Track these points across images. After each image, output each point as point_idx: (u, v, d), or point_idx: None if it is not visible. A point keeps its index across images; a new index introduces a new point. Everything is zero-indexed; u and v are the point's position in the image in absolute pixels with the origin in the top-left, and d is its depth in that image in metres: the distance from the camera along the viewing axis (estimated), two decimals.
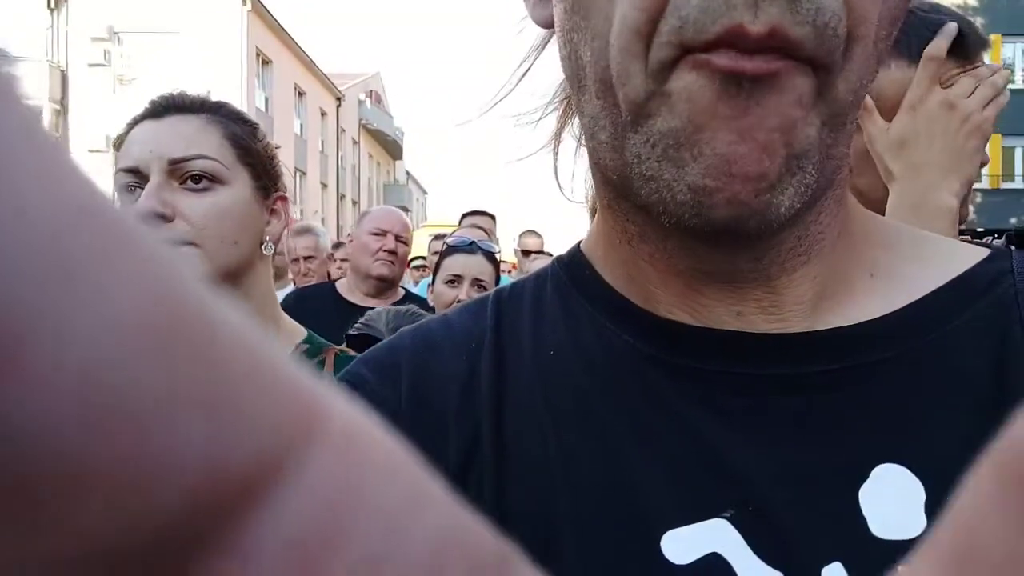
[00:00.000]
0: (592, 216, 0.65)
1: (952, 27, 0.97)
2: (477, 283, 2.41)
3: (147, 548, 0.12)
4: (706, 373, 0.44)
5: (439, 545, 0.14)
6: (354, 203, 30.07)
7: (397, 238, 2.80)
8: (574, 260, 0.52)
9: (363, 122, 32.49)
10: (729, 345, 0.44)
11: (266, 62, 22.03)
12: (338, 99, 28.79)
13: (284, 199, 1.18)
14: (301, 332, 1.22)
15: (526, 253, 4.42)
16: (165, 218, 1.02)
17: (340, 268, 4.02)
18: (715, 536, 0.40)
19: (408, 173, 42.93)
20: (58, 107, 19.21)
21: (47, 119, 18.94)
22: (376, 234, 2.79)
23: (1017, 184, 20.23)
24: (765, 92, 0.36)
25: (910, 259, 0.48)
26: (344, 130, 29.84)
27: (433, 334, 0.52)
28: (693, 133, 0.37)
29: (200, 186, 1.06)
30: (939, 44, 0.96)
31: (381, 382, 0.49)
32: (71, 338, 0.10)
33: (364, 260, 2.78)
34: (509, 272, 4.49)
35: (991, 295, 0.45)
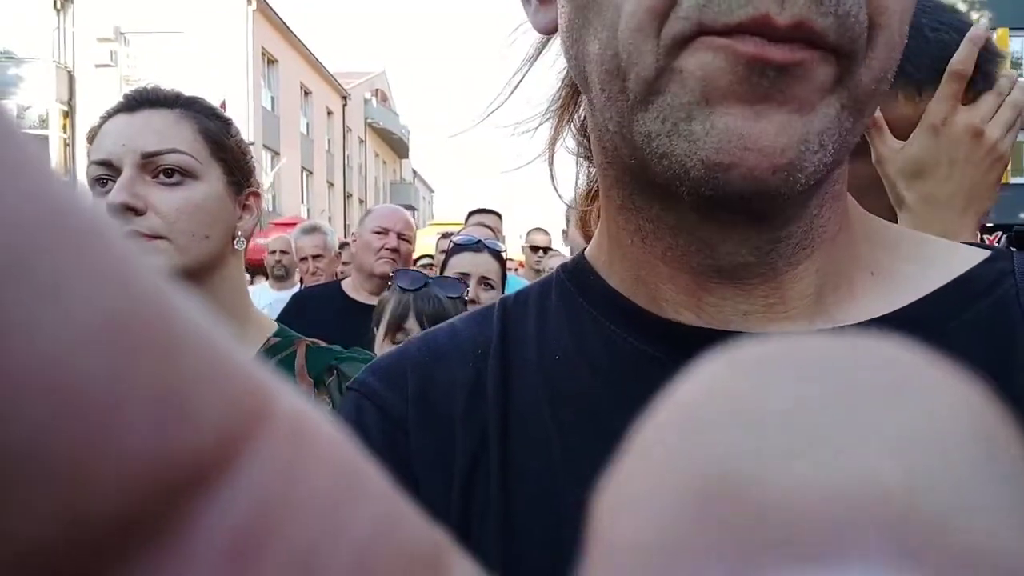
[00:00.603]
0: (580, 223, 0.64)
1: (981, 31, 0.88)
2: (484, 281, 2.41)
3: (88, 542, 0.11)
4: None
5: (373, 539, 0.14)
6: (361, 202, 30.10)
7: (399, 236, 2.81)
8: (578, 267, 0.53)
9: (369, 121, 32.51)
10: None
11: (272, 61, 22.06)
12: (344, 98, 28.81)
13: (256, 195, 1.18)
14: (272, 325, 1.24)
15: (535, 249, 4.42)
16: (137, 211, 1.03)
17: (341, 269, 4.02)
18: None
19: (415, 172, 42.96)
20: (65, 108, 19.28)
21: (55, 120, 19.01)
22: (378, 232, 2.80)
23: None
24: (789, 81, 0.36)
25: (911, 259, 0.48)
26: (350, 129, 29.86)
27: (439, 342, 0.53)
28: (706, 107, 0.37)
29: (172, 180, 1.06)
30: (966, 55, 0.86)
31: (388, 389, 0.50)
32: (29, 331, 0.11)
33: (367, 259, 2.79)
34: (516, 271, 4.49)
35: (992, 295, 0.45)
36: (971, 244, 0.50)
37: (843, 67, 0.37)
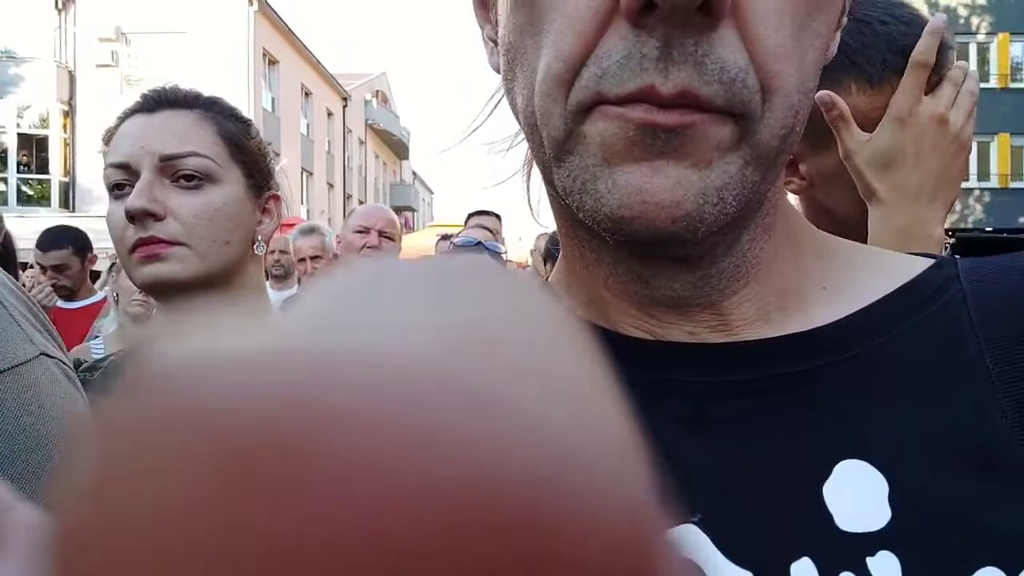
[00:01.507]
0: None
1: (940, 22, 0.89)
2: None
3: None
4: (662, 383, 0.45)
5: None
6: (360, 203, 30.10)
7: (381, 233, 2.80)
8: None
9: (369, 122, 32.52)
10: (683, 355, 0.46)
11: (273, 62, 22.07)
12: (344, 99, 28.82)
13: (276, 198, 1.15)
14: None
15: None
16: (156, 216, 1.00)
17: None
18: (684, 541, 0.41)
19: (415, 173, 42.95)
20: (66, 108, 19.28)
21: (55, 120, 19.01)
22: (360, 231, 2.81)
23: None
24: (682, 140, 0.38)
25: (861, 269, 0.49)
26: (350, 130, 29.87)
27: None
28: (607, 167, 0.40)
29: (192, 184, 1.03)
30: (927, 46, 0.88)
31: None
32: None
33: (350, 258, 2.78)
34: None
35: (939, 300, 0.46)
36: (917, 255, 0.51)
37: (741, 127, 0.39)
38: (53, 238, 3.87)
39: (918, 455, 0.42)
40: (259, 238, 1.12)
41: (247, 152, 1.10)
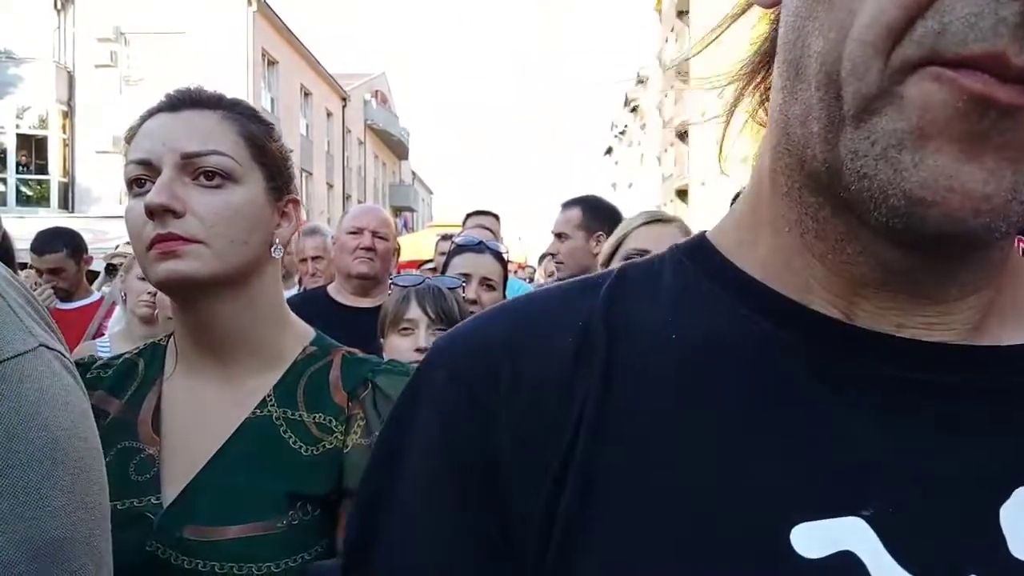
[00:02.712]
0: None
1: None
2: (485, 282, 2.41)
3: None
4: (852, 370, 0.43)
5: None
6: (360, 203, 30.09)
7: (374, 234, 2.79)
8: (701, 248, 0.52)
9: (369, 122, 32.51)
10: (881, 346, 0.44)
11: (272, 63, 22.06)
12: (344, 99, 28.81)
13: (296, 202, 1.15)
14: (310, 333, 1.19)
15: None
16: (175, 212, 0.99)
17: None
18: (850, 534, 0.40)
19: (414, 173, 42.95)
20: (65, 108, 19.26)
21: (55, 120, 19.00)
22: (353, 233, 2.79)
23: None
24: (1009, 125, 0.34)
25: None
26: (350, 130, 29.86)
27: (531, 311, 0.52)
28: (919, 139, 0.36)
29: (213, 183, 1.02)
30: None
31: (472, 359, 0.49)
32: None
33: (345, 260, 2.79)
34: (515, 272, 4.49)
35: None
36: None
37: None
38: (47, 241, 3.85)
39: None
40: (276, 241, 1.11)
41: (269, 154, 1.10)
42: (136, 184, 1.04)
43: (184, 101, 1.07)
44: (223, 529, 0.97)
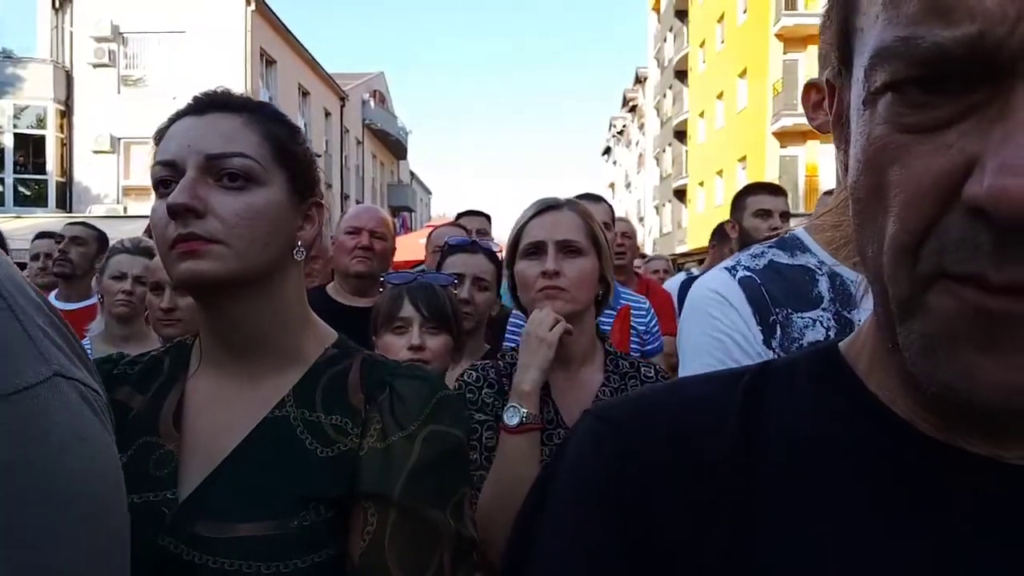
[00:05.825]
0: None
1: None
2: (478, 281, 2.41)
3: None
4: (975, 492, 0.47)
5: None
6: (358, 203, 30.05)
7: (372, 234, 2.80)
8: (832, 359, 0.56)
9: (367, 122, 32.48)
10: (984, 471, 0.47)
11: (270, 62, 22.04)
12: (342, 99, 28.79)
13: (319, 205, 1.15)
14: (331, 335, 1.19)
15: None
16: (197, 213, 1.00)
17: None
18: None
19: (412, 173, 42.92)
20: (63, 107, 19.23)
21: (52, 119, 18.97)
22: (351, 232, 2.80)
23: None
24: (1012, 324, 0.39)
25: None
26: (348, 130, 29.82)
27: (684, 393, 0.58)
28: (947, 341, 0.41)
29: (236, 185, 1.03)
30: None
31: (632, 425, 0.55)
32: None
33: (343, 260, 2.80)
34: None
35: None
36: None
37: None
38: (82, 223, 4.06)
39: None
40: (299, 244, 1.11)
41: (293, 157, 1.10)
42: (162, 185, 1.05)
43: (210, 104, 1.08)
44: (235, 526, 0.97)
